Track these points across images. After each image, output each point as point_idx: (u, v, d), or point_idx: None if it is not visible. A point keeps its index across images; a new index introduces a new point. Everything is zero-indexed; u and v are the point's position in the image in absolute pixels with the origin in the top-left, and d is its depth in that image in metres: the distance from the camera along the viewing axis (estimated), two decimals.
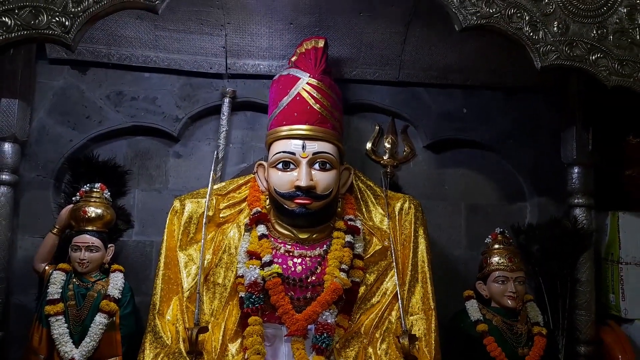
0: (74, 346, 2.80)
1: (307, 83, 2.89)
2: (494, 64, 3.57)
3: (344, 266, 2.84)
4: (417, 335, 2.73)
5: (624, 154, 3.59)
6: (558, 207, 3.56)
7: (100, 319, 2.86)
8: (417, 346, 2.72)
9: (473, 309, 3.06)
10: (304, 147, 2.82)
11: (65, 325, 2.83)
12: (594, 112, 3.33)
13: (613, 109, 3.36)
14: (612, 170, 3.59)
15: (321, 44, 3.03)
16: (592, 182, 3.35)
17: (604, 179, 3.49)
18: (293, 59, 3.11)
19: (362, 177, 3.25)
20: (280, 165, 2.86)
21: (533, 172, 3.70)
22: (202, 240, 2.91)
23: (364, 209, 3.17)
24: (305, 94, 2.88)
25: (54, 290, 2.87)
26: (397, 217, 3.08)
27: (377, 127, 3.70)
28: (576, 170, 3.34)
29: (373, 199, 3.20)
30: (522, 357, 2.89)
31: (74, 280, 2.97)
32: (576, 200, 3.33)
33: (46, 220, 3.30)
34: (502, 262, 3.04)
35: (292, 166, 2.84)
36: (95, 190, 3.11)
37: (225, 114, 3.48)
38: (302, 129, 2.85)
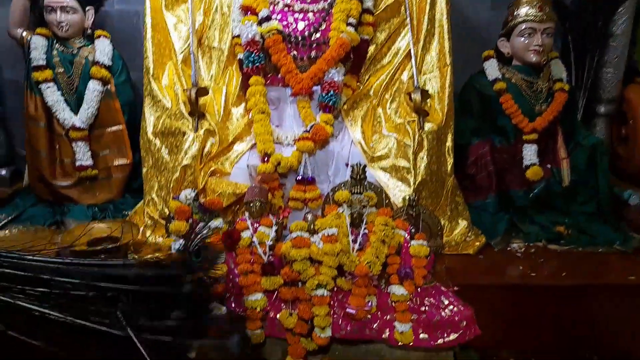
0: (72, 113, 2.71)
1: None
2: None
3: (351, 20, 2.53)
4: (429, 92, 2.55)
5: None
6: None
7: (94, 86, 2.71)
8: (428, 103, 2.58)
9: (492, 68, 2.83)
10: None
11: (59, 93, 2.70)
12: None
13: None
14: None
15: None
16: None
17: None
18: None
19: None
20: None
21: None
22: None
23: None
24: None
25: (37, 55, 2.66)
26: None
27: None
28: None
29: None
30: (540, 113, 2.76)
31: (57, 46, 2.73)
32: None
33: None
34: (530, 13, 2.67)
35: None
36: None
37: None
38: None
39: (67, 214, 2.70)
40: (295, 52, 2.54)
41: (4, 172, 3.10)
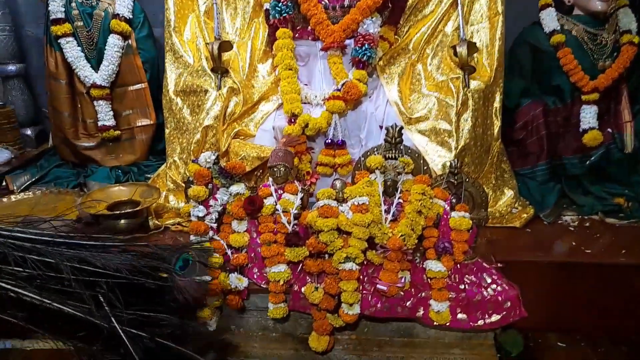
0: (93, 70, 2.60)
1: None
2: None
3: None
4: (477, 46, 2.27)
5: None
6: None
7: (114, 41, 2.57)
8: (475, 58, 2.30)
9: (549, 18, 2.50)
10: None
11: (79, 48, 2.58)
12: None
13: None
14: None
15: None
16: None
17: None
18: None
19: None
20: None
21: None
22: None
23: None
24: None
25: (56, 8, 2.53)
26: None
27: None
28: None
29: None
30: (603, 70, 2.44)
31: None
32: None
33: None
34: None
35: None
36: None
37: None
38: None
39: (90, 176, 2.62)
40: (326, 1, 2.30)
41: (29, 131, 3.05)
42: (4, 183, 2.64)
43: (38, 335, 1.37)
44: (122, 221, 2.18)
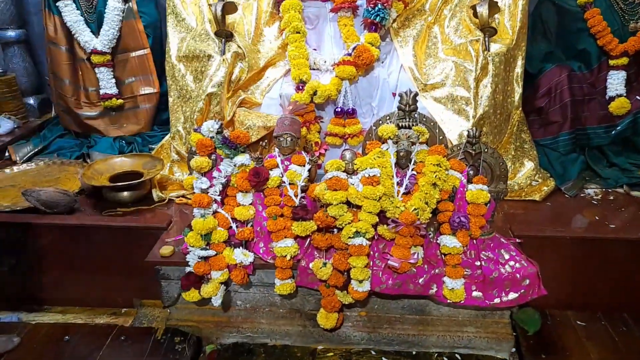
0: (93, 35, 2.48)
1: None
2: None
3: None
4: (498, 5, 2.11)
5: None
6: None
7: (114, 3, 2.45)
8: (497, 19, 2.15)
9: None
10: None
11: (78, 12, 2.47)
12: None
13: None
14: None
15: None
16: None
17: None
18: None
19: None
20: None
21: None
22: None
23: None
24: None
25: None
26: None
27: None
28: None
29: None
30: (634, 32, 2.26)
31: None
32: None
33: None
34: None
35: None
36: None
37: None
38: None
39: (93, 147, 2.55)
40: None
41: (32, 100, 2.97)
42: (7, 154, 2.59)
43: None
44: (125, 193, 2.11)
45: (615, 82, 2.33)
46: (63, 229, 1.98)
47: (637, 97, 2.36)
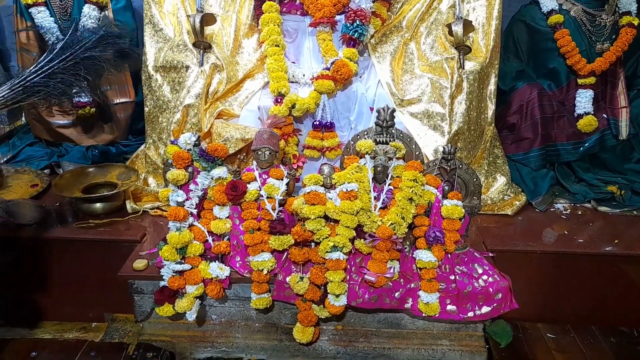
0: None
1: None
2: None
3: None
4: (473, 25, 2.17)
5: None
6: None
7: (89, 11, 2.42)
8: (471, 37, 2.20)
9: None
10: None
11: (52, 19, 2.42)
12: None
13: None
14: None
15: None
16: None
17: None
18: None
19: None
20: None
21: None
22: None
23: None
24: None
25: None
26: None
27: None
28: None
29: None
30: (600, 53, 2.36)
31: None
32: None
33: None
34: None
35: None
36: None
37: None
38: None
39: (64, 156, 2.49)
40: None
41: None
42: None
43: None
44: (98, 205, 2.07)
45: (583, 100, 2.42)
46: (33, 241, 1.93)
47: (604, 115, 2.45)
